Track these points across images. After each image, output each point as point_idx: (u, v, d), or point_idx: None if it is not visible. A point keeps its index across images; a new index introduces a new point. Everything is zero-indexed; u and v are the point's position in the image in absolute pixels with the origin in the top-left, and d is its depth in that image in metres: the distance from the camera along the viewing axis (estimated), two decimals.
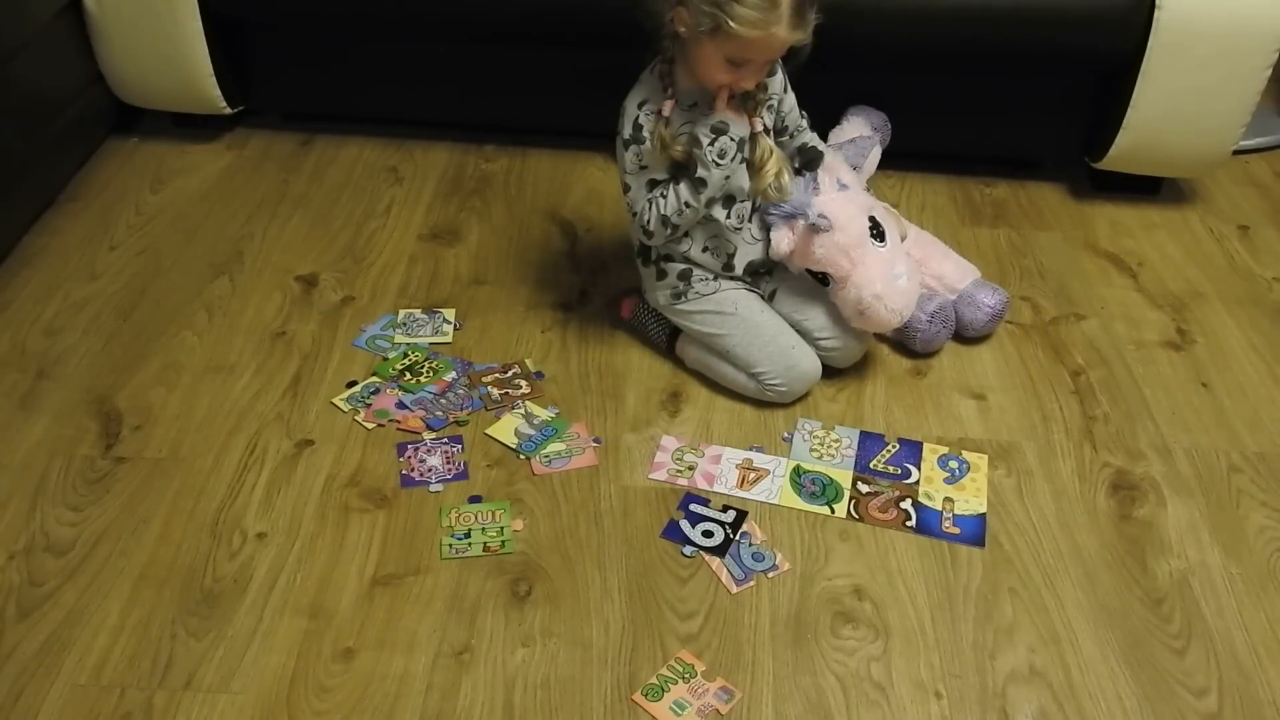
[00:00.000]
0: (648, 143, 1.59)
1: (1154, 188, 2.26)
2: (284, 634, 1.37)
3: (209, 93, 2.20)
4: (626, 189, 1.65)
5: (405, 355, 1.79)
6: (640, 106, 1.60)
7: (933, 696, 1.33)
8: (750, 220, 1.70)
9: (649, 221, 1.64)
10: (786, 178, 1.66)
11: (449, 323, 1.87)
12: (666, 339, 1.80)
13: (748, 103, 1.61)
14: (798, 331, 1.72)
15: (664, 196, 1.62)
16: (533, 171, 2.28)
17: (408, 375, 1.74)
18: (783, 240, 1.67)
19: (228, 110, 2.26)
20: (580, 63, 2.18)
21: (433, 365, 1.76)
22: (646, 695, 1.31)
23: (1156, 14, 1.95)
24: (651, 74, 1.62)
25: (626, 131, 1.61)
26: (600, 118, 2.27)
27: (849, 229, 1.65)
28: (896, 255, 1.69)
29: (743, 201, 1.67)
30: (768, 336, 1.68)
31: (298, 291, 1.93)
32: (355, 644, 1.36)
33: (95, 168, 2.24)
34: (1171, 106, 2.03)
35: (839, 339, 1.72)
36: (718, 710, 1.30)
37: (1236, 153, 2.32)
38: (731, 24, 1.43)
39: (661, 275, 1.73)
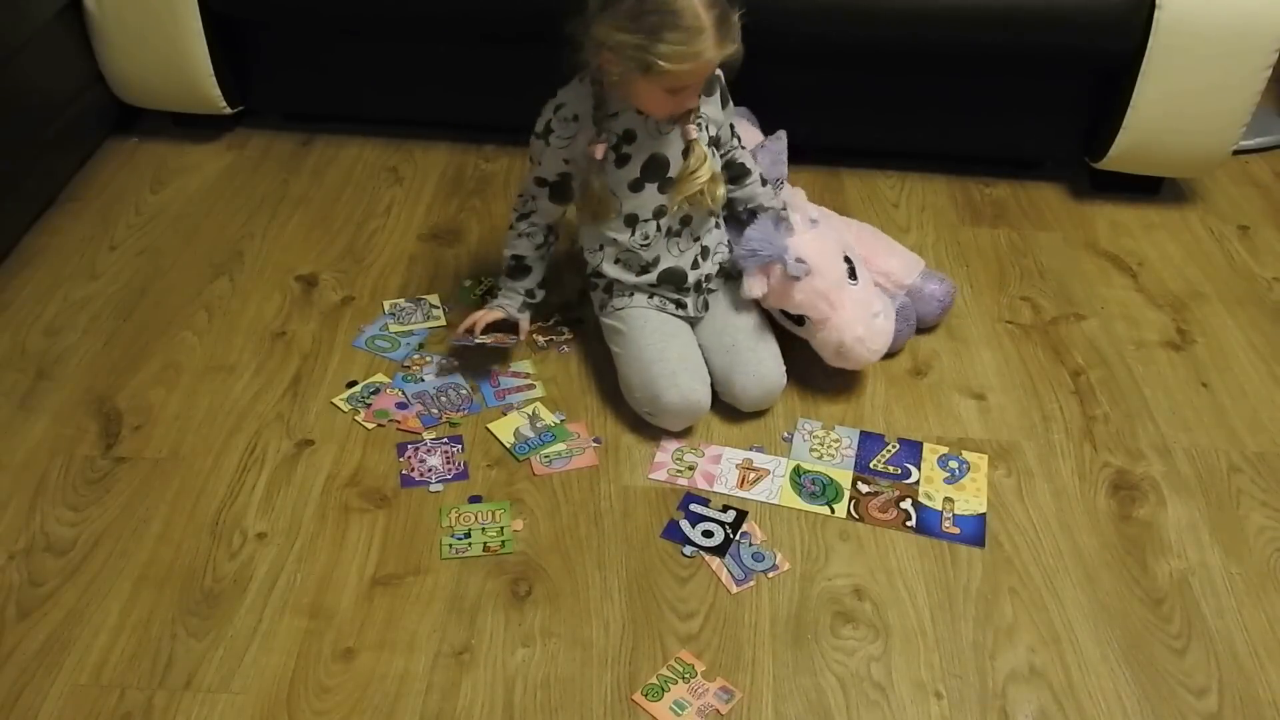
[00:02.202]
0: (550, 143, 1.61)
1: (1154, 188, 2.26)
2: (284, 634, 1.37)
3: (209, 93, 2.20)
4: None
5: (480, 282, 1.92)
6: (556, 110, 1.61)
7: (933, 696, 1.33)
8: (681, 232, 1.67)
9: (512, 216, 1.73)
10: (720, 189, 1.65)
11: (436, 307, 1.88)
12: None
13: (681, 116, 1.58)
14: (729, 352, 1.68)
15: (519, 234, 1.72)
16: None
17: (488, 299, 1.80)
18: (755, 286, 1.64)
19: (228, 110, 2.26)
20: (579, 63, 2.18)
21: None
22: (646, 695, 1.31)
23: (1156, 14, 1.95)
24: (581, 83, 1.60)
25: (538, 127, 1.63)
26: None
27: (827, 273, 1.63)
28: (872, 293, 1.69)
29: (653, 220, 1.64)
30: (645, 361, 1.63)
31: (298, 291, 1.93)
32: (355, 644, 1.36)
33: (95, 168, 2.24)
34: (1171, 106, 2.03)
35: (724, 392, 1.67)
36: (718, 710, 1.30)
37: (1236, 153, 2.32)
38: (660, 63, 1.42)
39: (593, 287, 1.76)
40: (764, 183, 1.76)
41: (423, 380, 1.74)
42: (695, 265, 1.70)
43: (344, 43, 2.23)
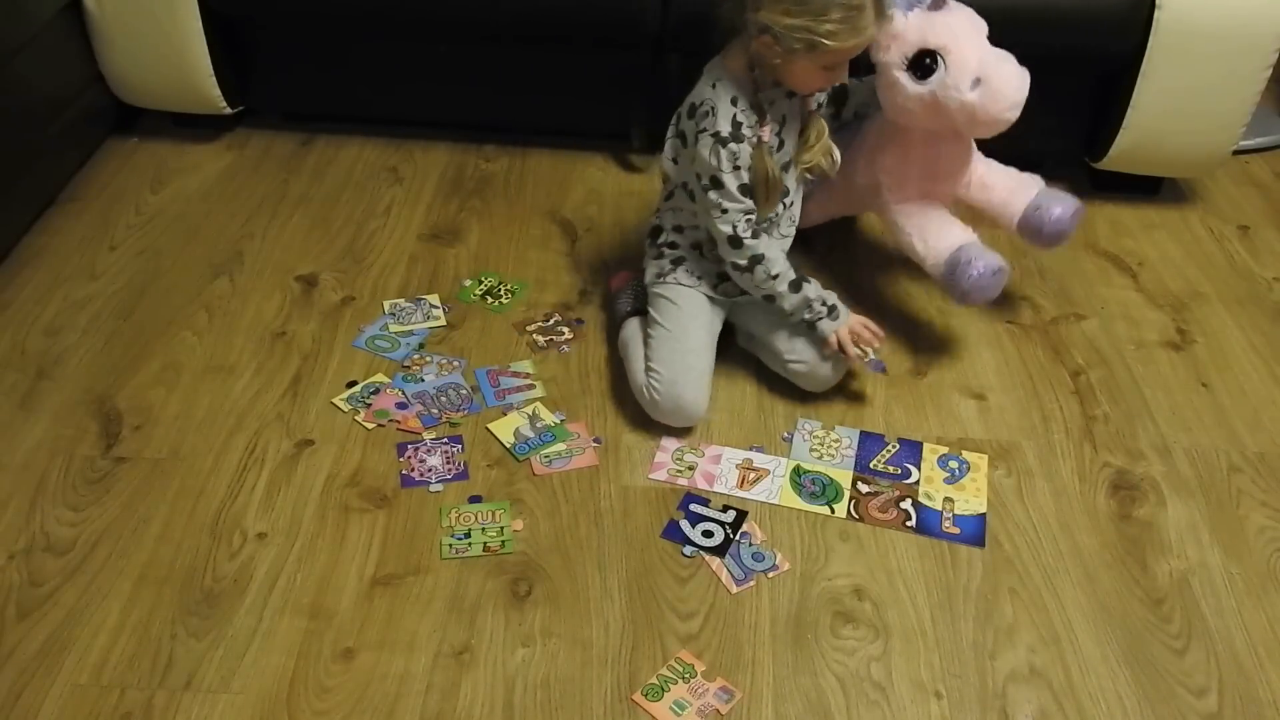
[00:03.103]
0: (745, 142, 1.57)
1: (1154, 188, 2.26)
2: (284, 634, 1.37)
3: (209, 93, 2.20)
4: (716, 185, 1.58)
5: (481, 281, 1.92)
6: (734, 104, 1.57)
7: (933, 696, 1.33)
8: (781, 220, 1.71)
9: (744, 239, 1.60)
10: (836, 152, 1.69)
11: (436, 307, 1.88)
12: (623, 316, 1.80)
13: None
14: (768, 350, 1.72)
15: (773, 254, 1.62)
16: (533, 171, 2.28)
17: (488, 299, 1.87)
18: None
19: (228, 110, 2.26)
20: (580, 63, 2.19)
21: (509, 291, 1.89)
22: (646, 695, 1.31)
23: (1156, 14, 1.95)
24: (724, 70, 1.58)
25: (724, 129, 1.56)
26: (600, 118, 2.29)
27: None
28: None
29: (788, 196, 1.70)
30: (686, 348, 1.65)
31: (298, 291, 1.93)
32: (355, 644, 1.36)
33: (95, 168, 2.24)
34: (1171, 106, 2.03)
35: (806, 363, 1.68)
36: (718, 710, 1.30)
37: (1236, 153, 2.32)
38: (825, 42, 1.46)
39: (659, 255, 1.74)
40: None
41: (423, 380, 1.74)
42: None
43: (343, 43, 2.23)
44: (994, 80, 1.61)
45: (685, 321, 1.68)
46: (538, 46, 2.18)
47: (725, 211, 1.60)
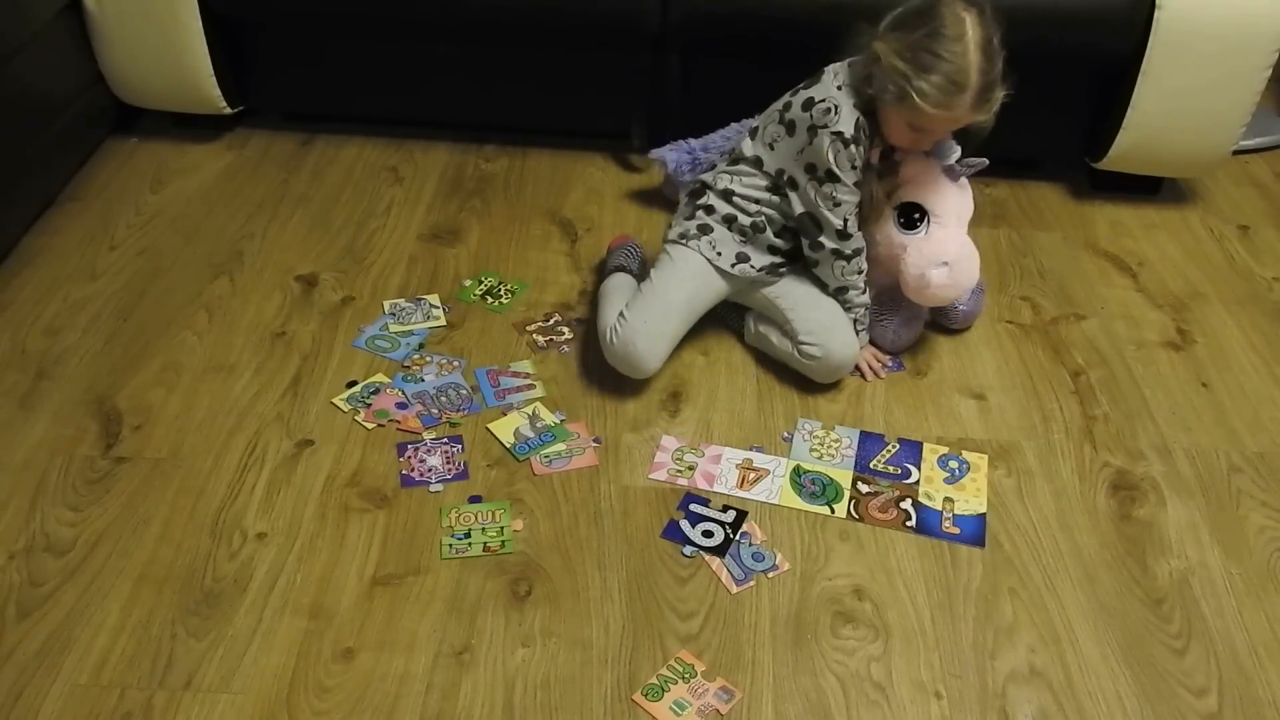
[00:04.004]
0: (861, 146, 1.60)
1: (1154, 188, 2.26)
2: (284, 634, 1.37)
3: (209, 93, 2.20)
4: (833, 179, 1.62)
5: (481, 281, 1.92)
6: (856, 108, 1.59)
7: (933, 696, 1.33)
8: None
9: (852, 232, 1.67)
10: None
11: (436, 307, 1.88)
12: (610, 270, 1.85)
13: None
14: (783, 333, 1.74)
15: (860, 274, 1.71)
16: (533, 171, 2.28)
17: (488, 299, 1.89)
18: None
19: (228, 110, 2.26)
20: (581, 63, 2.19)
21: (509, 291, 1.92)
22: (646, 695, 1.31)
23: (1156, 14, 1.95)
24: (849, 75, 1.61)
25: (848, 130, 1.59)
26: (600, 118, 2.29)
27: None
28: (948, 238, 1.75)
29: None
30: (661, 303, 1.69)
31: (298, 291, 1.93)
32: (355, 644, 1.36)
33: (95, 168, 2.24)
34: (1171, 106, 2.03)
35: (820, 347, 1.70)
36: (718, 710, 1.30)
37: (1236, 153, 2.32)
38: (916, 99, 1.49)
39: (690, 216, 1.76)
40: None
41: (423, 380, 1.74)
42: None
43: (344, 43, 2.23)
44: (958, 272, 1.71)
45: (675, 282, 1.71)
46: (538, 46, 2.18)
47: (839, 204, 1.64)
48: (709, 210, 1.74)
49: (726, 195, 1.73)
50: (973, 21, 1.51)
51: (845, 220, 1.66)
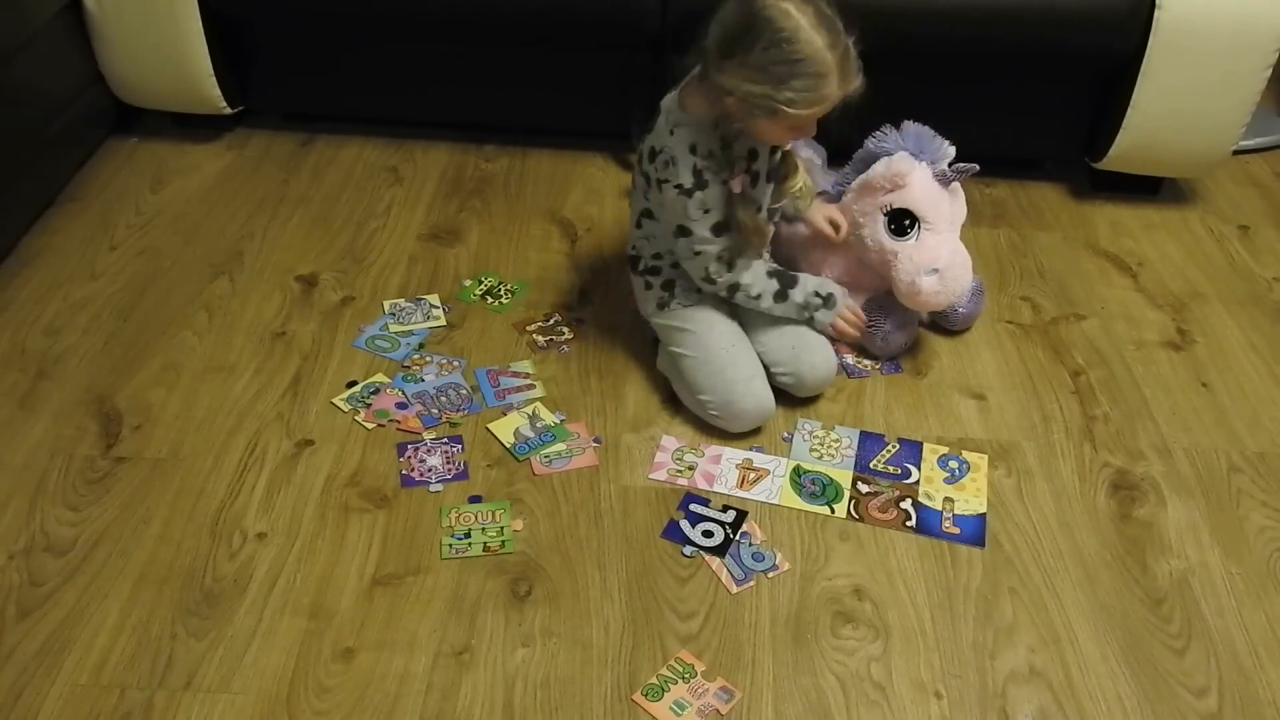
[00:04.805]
0: (712, 185, 1.56)
1: (1154, 188, 2.26)
2: (284, 634, 1.37)
3: (209, 93, 2.20)
4: (684, 233, 1.60)
5: (481, 281, 1.92)
6: (694, 151, 1.54)
7: (933, 696, 1.33)
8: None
9: (717, 279, 1.64)
10: (811, 180, 1.76)
11: (436, 307, 1.88)
12: (652, 339, 1.79)
13: None
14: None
15: (747, 279, 1.65)
16: (533, 171, 2.29)
17: (489, 299, 1.89)
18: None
19: (228, 110, 2.26)
20: (581, 63, 2.19)
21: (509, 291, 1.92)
22: (646, 695, 1.31)
23: (1156, 14, 1.95)
24: (682, 113, 1.55)
25: (687, 181, 1.55)
26: (600, 118, 2.29)
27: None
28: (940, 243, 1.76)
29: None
30: (718, 365, 1.64)
31: (298, 291, 1.93)
32: (355, 644, 1.36)
33: (95, 168, 2.24)
34: (1171, 106, 2.03)
35: (791, 374, 1.68)
36: (718, 710, 1.30)
37: (1236, 153, 2.32)
38: (786, 109, 1.44)
39: (648, 286, 1.73)
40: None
41: (423, 380, 1.74)
42: None
43: (344, 43, 2.23)
44: (949, 278, 1.71)
45: (707, 340, 1.67)
46: (538, 46, 2.18)
47: (698, 254, 1.62)
48: (654, 271, 1.71)
49: (656, 255, 1.70)
50: (795, 6, 1.41)
51: (706, 269, 1.63)
